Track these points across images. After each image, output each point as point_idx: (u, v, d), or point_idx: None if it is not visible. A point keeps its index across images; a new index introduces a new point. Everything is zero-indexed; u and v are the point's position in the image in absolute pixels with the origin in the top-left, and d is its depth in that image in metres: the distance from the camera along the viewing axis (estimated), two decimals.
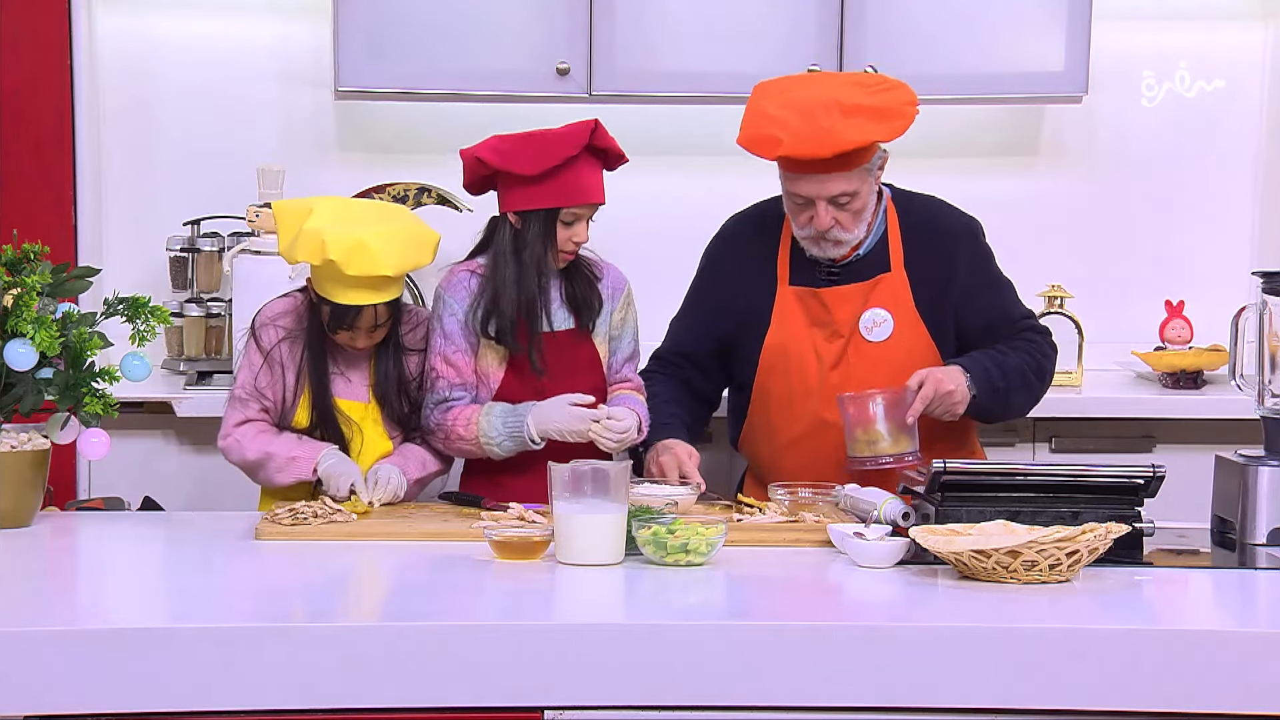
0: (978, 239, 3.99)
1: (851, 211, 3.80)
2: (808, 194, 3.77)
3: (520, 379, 3.82)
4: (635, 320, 3.97)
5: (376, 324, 3.72)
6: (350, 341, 3.74)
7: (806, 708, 2.78)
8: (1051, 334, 4.01)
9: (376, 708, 2.75)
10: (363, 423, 3.78)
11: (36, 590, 3.09)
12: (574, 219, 3.80)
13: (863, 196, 3.80)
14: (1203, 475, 3.63)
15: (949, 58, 4.85)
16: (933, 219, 3.96)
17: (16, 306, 3.39)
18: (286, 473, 3.73)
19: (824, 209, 3.78)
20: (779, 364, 3.92)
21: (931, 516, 3.33)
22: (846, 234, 3.82)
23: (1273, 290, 3.56)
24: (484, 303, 3.81)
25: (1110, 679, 2.77)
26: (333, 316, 3.70)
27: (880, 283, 3.89)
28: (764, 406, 3.97)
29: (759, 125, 3.78)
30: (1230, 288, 5.15)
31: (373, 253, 3.61)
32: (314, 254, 3.62)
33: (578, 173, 3.78)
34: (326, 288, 3.67)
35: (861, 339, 3.89)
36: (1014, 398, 3.89)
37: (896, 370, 3.84)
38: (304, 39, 5.11)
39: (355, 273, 3.61)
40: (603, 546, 3.16)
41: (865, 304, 3.88)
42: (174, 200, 5.09)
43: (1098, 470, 3.36)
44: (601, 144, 3.80)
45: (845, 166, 3.74)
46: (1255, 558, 3.37)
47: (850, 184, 3.76)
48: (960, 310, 3.91)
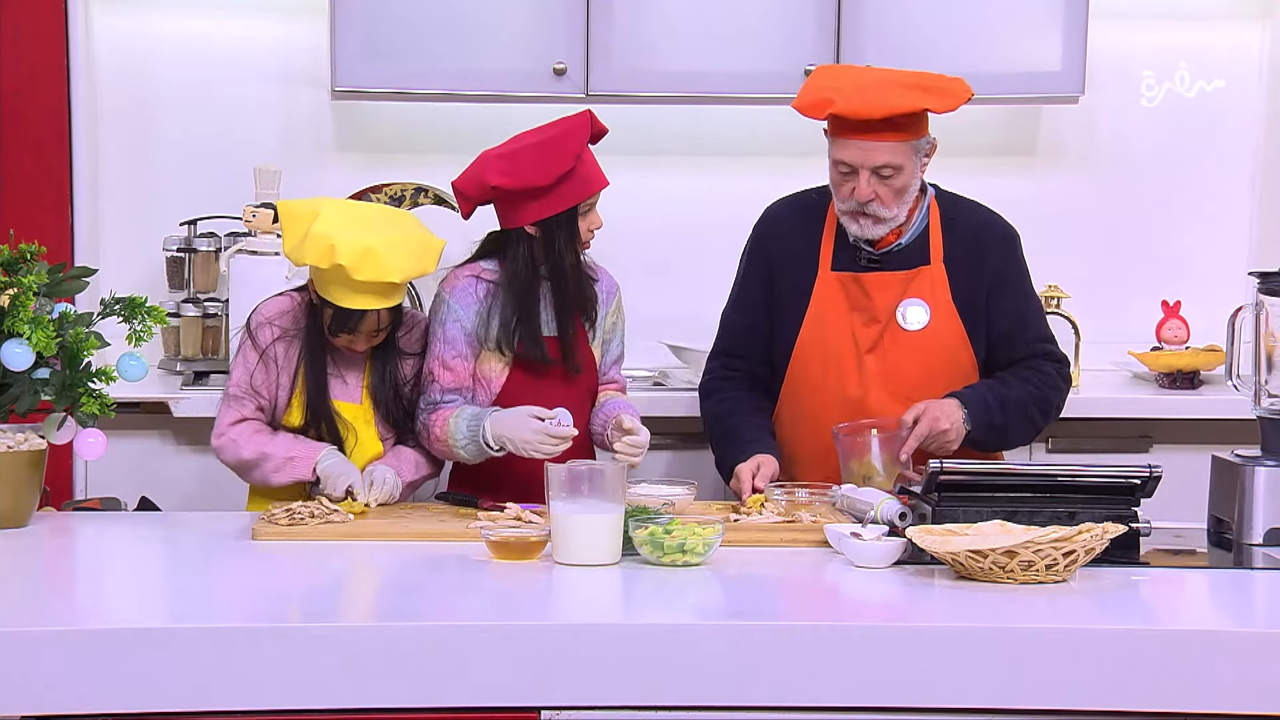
0: (1015, 246, 4.02)
1: (893, 188, 3.82)
2: (853, 161, 3.80)
3: (524, 382, 3.81)
4: (624, 324, 3.98)
5: (379, 328, 3.72)
6: (350, 344, 3.74)
7: (804, 708, 2.78)
8: (1069, 365, 4.03)
9: (374, 708, 2.75)
10: (356, 424, 3.78)
11: (34, 590, 3.09)
12: (588, 208, 3.80)
13: (906, 174, 3.82)
14: (1199, 475, 3.63)
15: (946, 57, 4.85)
16: (974, 220, 4.00)
17: (13, 306, 3.39)
18: (284, 473, 3.72)
19: (866, 179, 3.80)
20: (816, 346, 3.94)
21: (928, 517, 3.33)
22: (886, 210, 3.83)
23: (1269, 291, 3.56)
24: (498, 316, 3.79)
25: (1107, 679, 2.78)
26: (335, 320, 3.69)
27: (920, 274, 3.92)
28: (796, 389, 3.97)
29: (815, 91, 3.84)
30: (1227, 288, 5.15)
31: (381, 259, 3.60)
32: (322, 258, 3.60)
33: (584, 164, 3.78)
34: (332, 291, 3.66)
35: (898, 327, 3.91)
36: (1013, 432, 3.92)
37: (930, 359, 3.89)
38: (301, 39, 5.11)
39: (364, 278, 3.60)
40: (600, 547, 3.16)
41: (904, 293, 3.91)
42: (171, 200, 5.08)
43: (1094, 470, 3.36)
44: (597, 129, 3.82)
45: (893, 135, 3.78)
46: (1252, 558, 3.37)
47: (895, 156, 3.79)
48: (989, 308, 3.94)
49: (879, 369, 3.90)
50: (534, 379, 3.81)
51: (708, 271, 5.10)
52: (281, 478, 3.72)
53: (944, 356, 3.91)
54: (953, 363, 3.93)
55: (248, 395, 3.75)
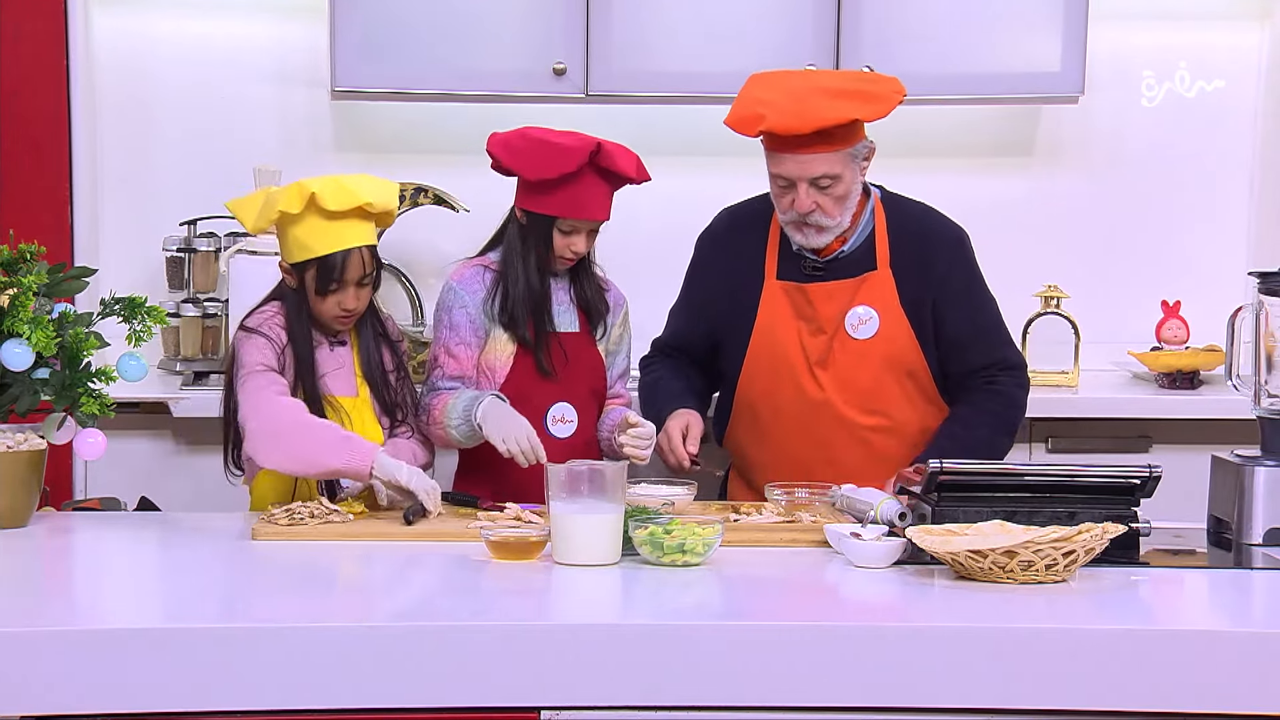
0: (964, 248, 3.98)
1: (834, 196, 3.81)
2: (790, 174, 3.79)
3: (527, 373, 3.86)
4: (630, 339, 4.03)
5: (364, 274, 3.70)
6: (340, 305, 3.71)
7: (803, 708, 2.78)
8: (1025, 368, 4.00)
9: (373, 708, 2.75)
10: (354, 414, 3.76)
11: (34, 590, 3.09)
12: (572, 229, 3.83)
13: (845, 182, 3.80)
14: (1199, 475, 3.63)
15: (945, 58, 4.86)
16: (921, 222, 3.97)
17: (13, 306, 3.39)
18: (340, 453, 3.51)
19: (805, 191, 3.79)
20: (764, 357, 3.94)
21: (928, 517, 3.33)
22: (828, 220, 3.83)
23: (1269, 290, 3.56)
24: (499, 294, 3.86)
25: (1107, 679, 2.78)
26: (320, 275, 3.67)
27: (867, 280, 3.90)
28: (749, 400, 3.98)
29: (746, 106, 3.83)
30: (1227, 288, 5.15)
31: (348, 186, 3.66)
32: (293, 200, 3.64)
33: (579, 188, 3.81)
34: (307, 241, 3.66)
35: (847, 336, 3.90)
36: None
37: (882, 367, 3.88)
38: (300, 39, 5.11)
39: (337, 206, 3.63)
40: (599, 546, 3.16)
41: (852, 301, 3.89)
42: (170, 200, 5.09)
43: (1094, 470, 3.36)
44: (605, 165, 3.81)
45: (827, 146, 3.76)
46: (1251, 558, 3.37)
47: (832, 166, 3.78)
48: (937, 315, 3.92)
49: (831, 379, 3.90)
50: (538, 377, 3.83)
51: None
52: (336, 458, 3.51)
53: (895, 363, 3.90)
54: (904, 369, 3.91)
55: (274, 371, 3.65)
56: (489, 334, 3.87)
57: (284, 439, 3.57)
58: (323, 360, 3.75)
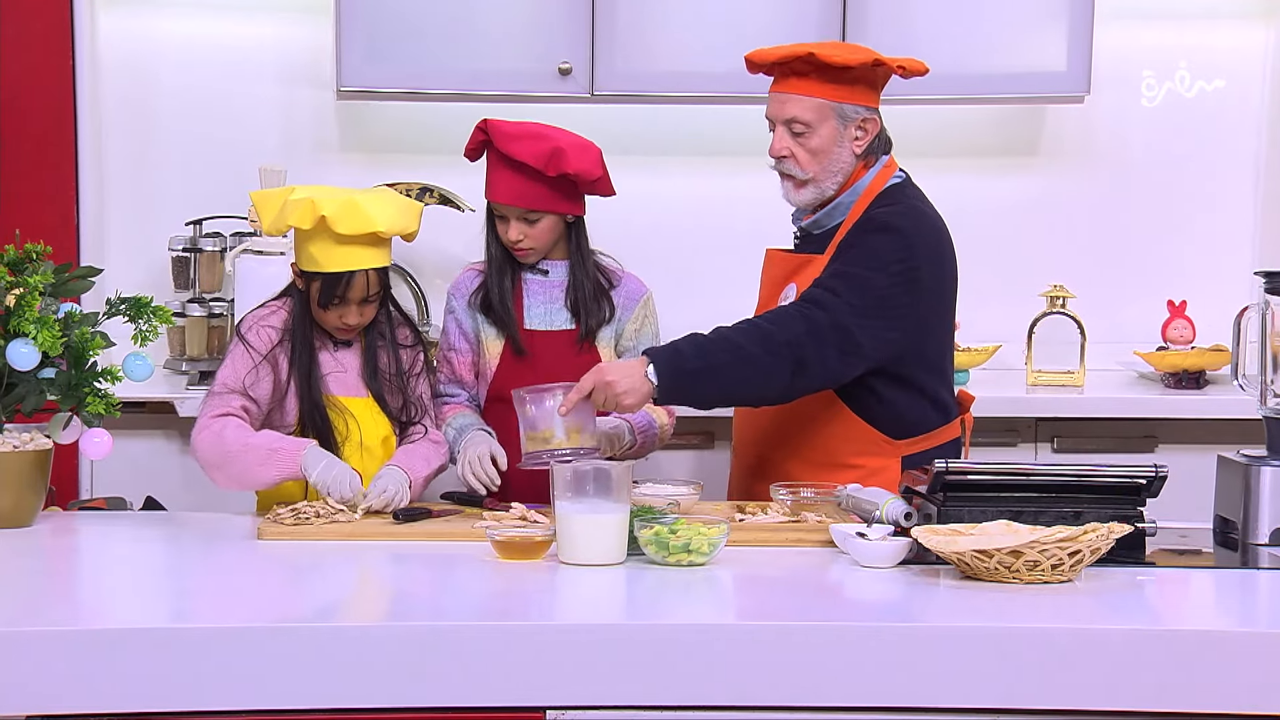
0: (881, 232, 3.74)
1: (807, 148, 3.78)
2: (770, 114, 3.82)
3: (510, 369, 3.89)
4: (654, 331, 4.00)
5: (368, 295, 3.70)
6: (341, 319, 3.71)
7: (809, 708, 2.78)
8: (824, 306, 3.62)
9: (378, 708, 2.75)
10: (361, 415, 3.75)
11: (38, 590, 3.09)
12: (501, 215, 3.88)
13: (821, 136, 3.77)
14: (1205, 475, 3.62)
15: (951, 58, 4.85)
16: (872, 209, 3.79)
17: (19, 306, 3.39)
18: (269, 466, 3.61)
19: (780, 133, 3.80)
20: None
21: (934, 516, 3.33)
22: (799, 170, 3.79)
23: (1275, 290, 3.55)
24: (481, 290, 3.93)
25: (1112, 679, 2.77)
26: (324, 290, 3.67)
27: (812, 262, 3.80)
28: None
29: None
30: (1232, 287, 5.15)
31: (364, 210, 3.63)
32: (305, 217, 3.62)
33: (491, 172, 3.89)
34: (316, 256, 3.65)
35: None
36: (722, 374, 3.59)
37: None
38: (306, 39, 5.12)
39: (347, 230, 3.61)
40: (605, 546, 3.16)
41: (789, 278, 3.86)
42: (176, 200, 5.09)
43: (1100, 470, 3.35)
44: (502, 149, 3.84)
45: (803, 87, 3.76)
46: (1257, 558, 3.37)
47: (805, 112, 3.76)
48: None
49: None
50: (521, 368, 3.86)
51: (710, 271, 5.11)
52: (267, 472, 3.61)
53: None
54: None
55: (236, 393, 3.68)
56: (479, 335, 3.91)
57: (224, 466, 3.64)
58: (324, 361, 3.75)
